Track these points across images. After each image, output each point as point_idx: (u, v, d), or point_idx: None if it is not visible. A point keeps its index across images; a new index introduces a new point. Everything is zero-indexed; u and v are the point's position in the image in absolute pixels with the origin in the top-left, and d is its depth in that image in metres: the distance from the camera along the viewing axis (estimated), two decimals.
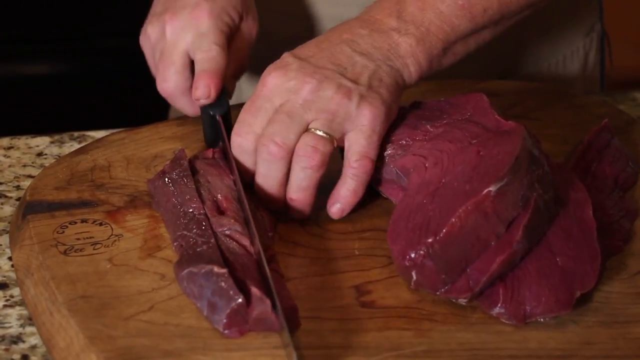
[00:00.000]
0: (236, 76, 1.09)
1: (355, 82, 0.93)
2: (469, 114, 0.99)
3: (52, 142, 1.13)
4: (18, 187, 1.06)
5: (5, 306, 0.91)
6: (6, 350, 0.86)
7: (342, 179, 0.95)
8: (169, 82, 1.04)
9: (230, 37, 1.05)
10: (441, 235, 0.85)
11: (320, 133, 0.92)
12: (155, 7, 1.08)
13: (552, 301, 0.86)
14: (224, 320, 0.83)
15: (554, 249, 0.89)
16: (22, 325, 0.89)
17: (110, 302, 0.86)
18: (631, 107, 1.20)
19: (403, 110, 1.01)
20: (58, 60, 2.15)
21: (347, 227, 0.96)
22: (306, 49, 0.96)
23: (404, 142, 0.98)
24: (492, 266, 0.86)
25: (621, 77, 1.38)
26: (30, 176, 1.07)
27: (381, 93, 0.94)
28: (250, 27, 1.08)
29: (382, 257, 0.92)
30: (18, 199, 1.03)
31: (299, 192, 0.93)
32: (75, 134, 1.14)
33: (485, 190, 0.86)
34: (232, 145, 0.95)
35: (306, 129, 0.93)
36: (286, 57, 0.96)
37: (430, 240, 0.85)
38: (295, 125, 0.92)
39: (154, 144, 1.07)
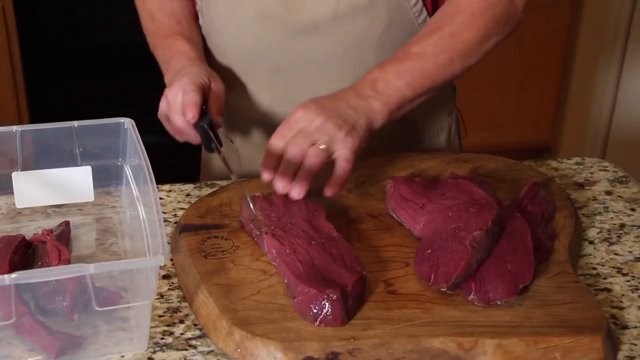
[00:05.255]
0: (219, 113, 1.06)
1: (346, 122, 0.96)
2: (465, 190, 0.96)
3: (195, 188, 1.12)
4: (175, 215, 1.05)
5: (169, 289, 0.91)
6: (170, 316, 0.86)
7: (334, 174, 0.96)
8: (177, 121, 1.01)
9: (208, 90, 1.04)
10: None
11: (323, 147, 0.94)
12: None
13: (505, 291, 0.85)
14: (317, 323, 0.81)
15: (505, 259, 0.88)
16: (179, 302, 0.88)
17: (233, 288, 0.86)
18: (548, 170, 1.19)
19: (423, 184, 1.00)
20: None
21: (377, 243, 0.95)
22: (321, 99, 0.98)
23: (421, 204, 0.96)
24: (458, 269, 0.85)
25: (470, 147, 1.32)
26: (182, 209, 1.06)
27: (358, 132, 0.96)
28: (218, 85, 1.06)
29: (400, 262, 0.90)
30: (175, 223, 1.02)
31: (300, 187, 0.94)
32: (209, 182, 1.13)
33: (471, 236, 0.86)
34: (268, 145, 0.96)
35: (314, 144, 0.94)
36: (309, 102, 0.97)
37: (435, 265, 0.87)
38: (309, 141, 0.94)
39: (257, 189, 1.04)
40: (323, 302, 0.80)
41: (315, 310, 0.80)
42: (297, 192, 0.95)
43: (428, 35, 1.03)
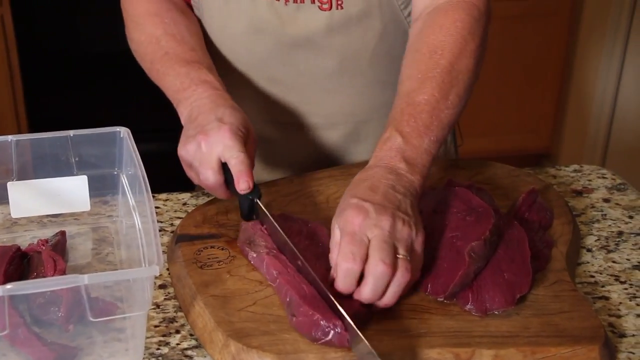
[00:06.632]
0: (252, 166, 0.97)
1: (406, 214, 0.85)
2: (463, 199, 0.96)
3: (192, 197, 1.11)
4: (172, 225, 1.05)
5: (165, 299, 0.90)
6: (166, 327, 0.86)
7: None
8: (210, 179, 0.94)
9: (245, 143, 0.95)
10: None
11: (404, 255, 0.83)
12: (188, 131, 0.97)
13: (502, 300, 0.85)
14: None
15: (502, 268, 0.88)
16: (175, 311, 0.88)
17: (229, 299, 0.85)
18: (546, 177, 1.18)
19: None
20: None
21: None
22: (363, 193, 0.86)
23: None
24: (455, 279, 0.85)
25: (471, 154, 1.30)
26: (179, 218, 1.06)
27: (418, 219, 0.87)
28: (253, 135, 0.99)
29: None
30: (172, 232, 1.02)
31: (393, 299, 0.83)
32: (206, 191, 1.11)
33: (469, 246, 0.86)
34: (340, 269, 0.82)
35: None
36: (357, 202, 0.85)
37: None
38: (392, 250, 0.82)
39: None
40: (328, 330, 0.78)
41: (318, 335, 0.78)
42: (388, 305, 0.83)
43: (426, 74, 0.95)
